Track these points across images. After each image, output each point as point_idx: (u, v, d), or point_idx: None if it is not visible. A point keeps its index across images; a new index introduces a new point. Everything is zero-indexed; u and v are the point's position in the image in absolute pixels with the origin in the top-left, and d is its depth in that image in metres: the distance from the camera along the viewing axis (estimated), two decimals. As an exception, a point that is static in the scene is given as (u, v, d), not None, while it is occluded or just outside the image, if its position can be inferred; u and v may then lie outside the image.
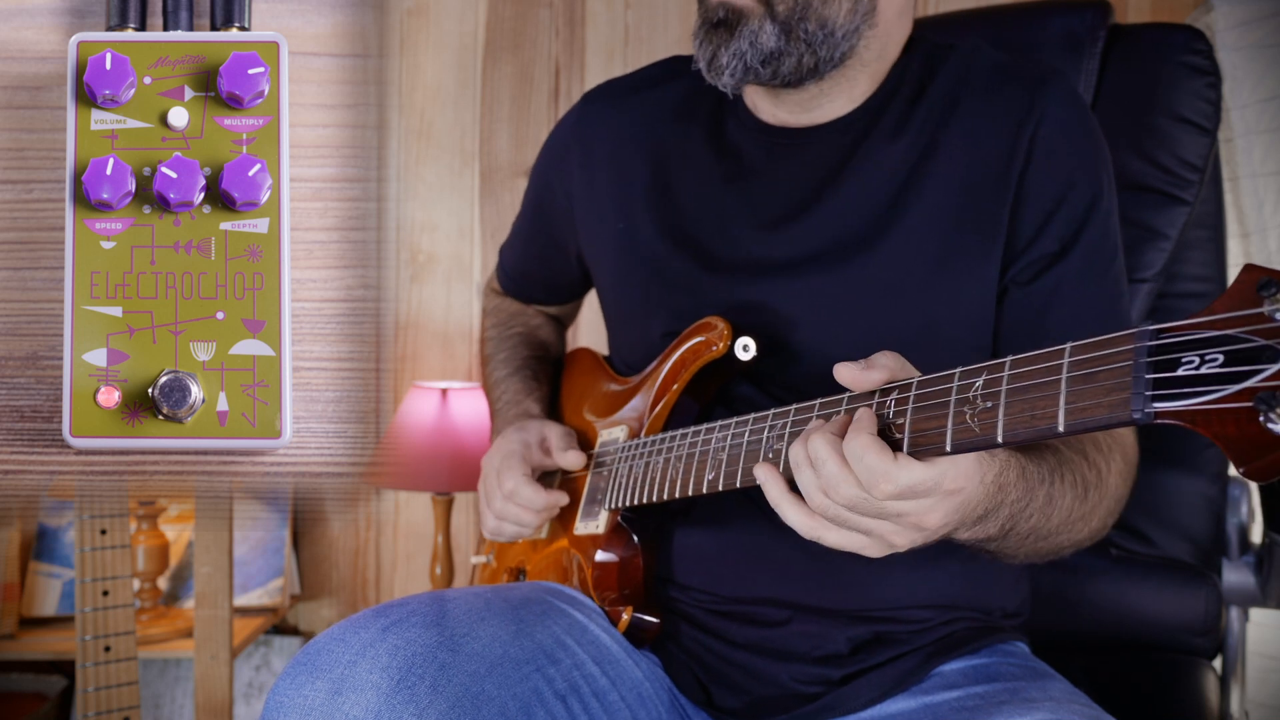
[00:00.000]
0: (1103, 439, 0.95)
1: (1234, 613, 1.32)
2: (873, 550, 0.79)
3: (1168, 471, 1.30)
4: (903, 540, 0.78)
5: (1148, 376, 0.59)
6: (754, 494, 0.88)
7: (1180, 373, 0.58)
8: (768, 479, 0.81)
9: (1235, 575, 1.31)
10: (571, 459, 1.09)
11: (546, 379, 1.27)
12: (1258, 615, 1.42)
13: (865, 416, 0.75)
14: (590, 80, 2.14)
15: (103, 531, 1.39)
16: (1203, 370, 0.57)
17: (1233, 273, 1.45)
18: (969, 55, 1.04)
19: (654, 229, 1.09)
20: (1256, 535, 1.34)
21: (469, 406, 1.93)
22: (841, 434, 0.76)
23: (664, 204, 1.09)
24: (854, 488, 0.74)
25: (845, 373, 0.77)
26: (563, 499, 1.09)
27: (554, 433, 1.12)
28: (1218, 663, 1.33)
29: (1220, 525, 1.32)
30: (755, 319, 1.00)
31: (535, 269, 1.30)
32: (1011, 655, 1.01)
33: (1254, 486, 1.31)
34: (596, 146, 1.16)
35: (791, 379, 1.00)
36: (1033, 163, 0.98)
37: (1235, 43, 1.65)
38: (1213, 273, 1.36)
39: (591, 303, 1.32)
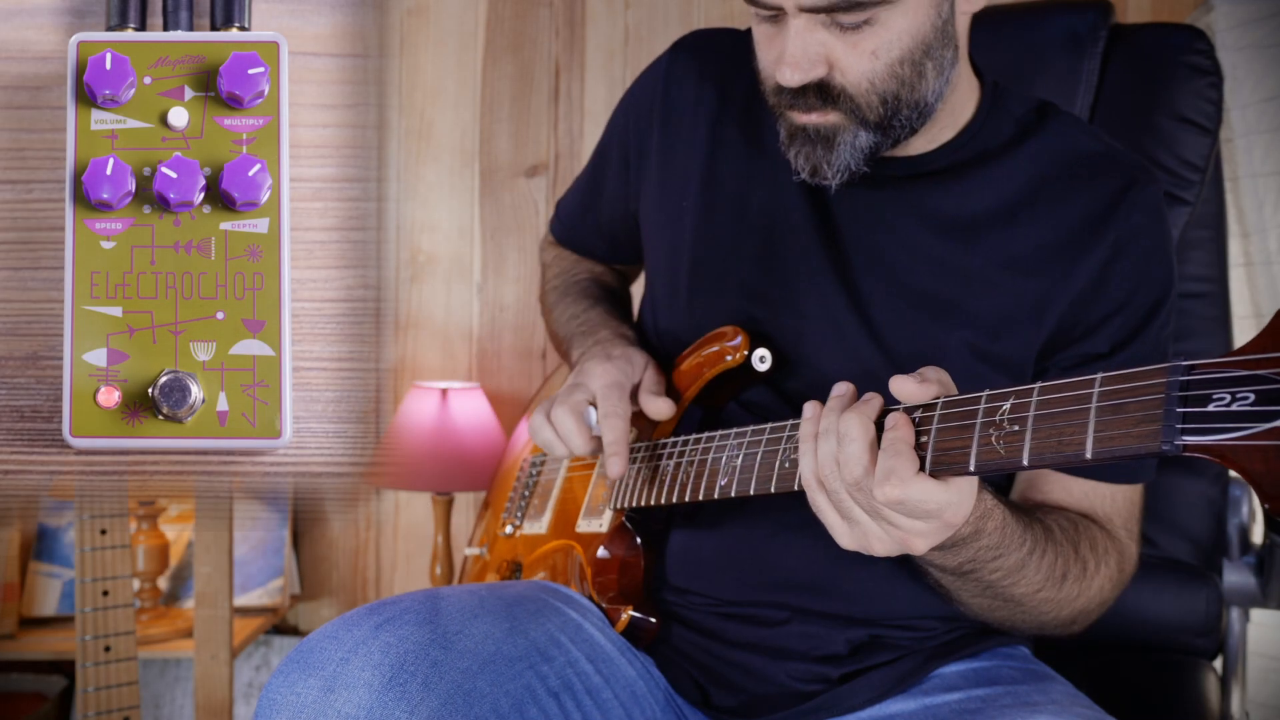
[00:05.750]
0: (1102, 540, 0.94)
1: (1234, 613, 1.32)
2: (846, 540, 0.78)
3: (1168, 472, 1.30)
4: (880, 548, 0.78)
5: (1179, 410, 0.60)
6: (758, 500, 0.88)
7: (1211, 408, 0.59)
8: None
9: (1236, 576, 1.31)
10: (660, 407, 1.03)
11: (627, 316, 1.21)
12: (1258, 616, 1.42)
13: (906, 423, 0.74)
14: (590, 80, 2.14)
15: (103, 531, 1.38)
16: (1233, 407, 0.58)
17: (1234, 272, 1.45)
18: (1062, 134, 1.01)
19: (707, 221, 1.06)
20: (1257, 536, 1.34)
21: (469, 406, 1.93)
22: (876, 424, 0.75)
23: (713, 195, 1.06)
24: (864, 474, 0.74)
25: (904, 386, 0.75)
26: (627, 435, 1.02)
27: (649, 376, 1.05)
28: (1218, 663, 1.32)
29: (1221, 526, 1.32)
30: (776, 326, 1.00)
31: (593, 219, 1.24)
32: (1013, 658, 1.00)
33: (1255, 487, 1.31)
34: (679, 107, 1.10)
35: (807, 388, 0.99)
36: (1105, 264, 0.96)
37: (1235, 43, 1.65)
38: (1214, 273, 1.36)
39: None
